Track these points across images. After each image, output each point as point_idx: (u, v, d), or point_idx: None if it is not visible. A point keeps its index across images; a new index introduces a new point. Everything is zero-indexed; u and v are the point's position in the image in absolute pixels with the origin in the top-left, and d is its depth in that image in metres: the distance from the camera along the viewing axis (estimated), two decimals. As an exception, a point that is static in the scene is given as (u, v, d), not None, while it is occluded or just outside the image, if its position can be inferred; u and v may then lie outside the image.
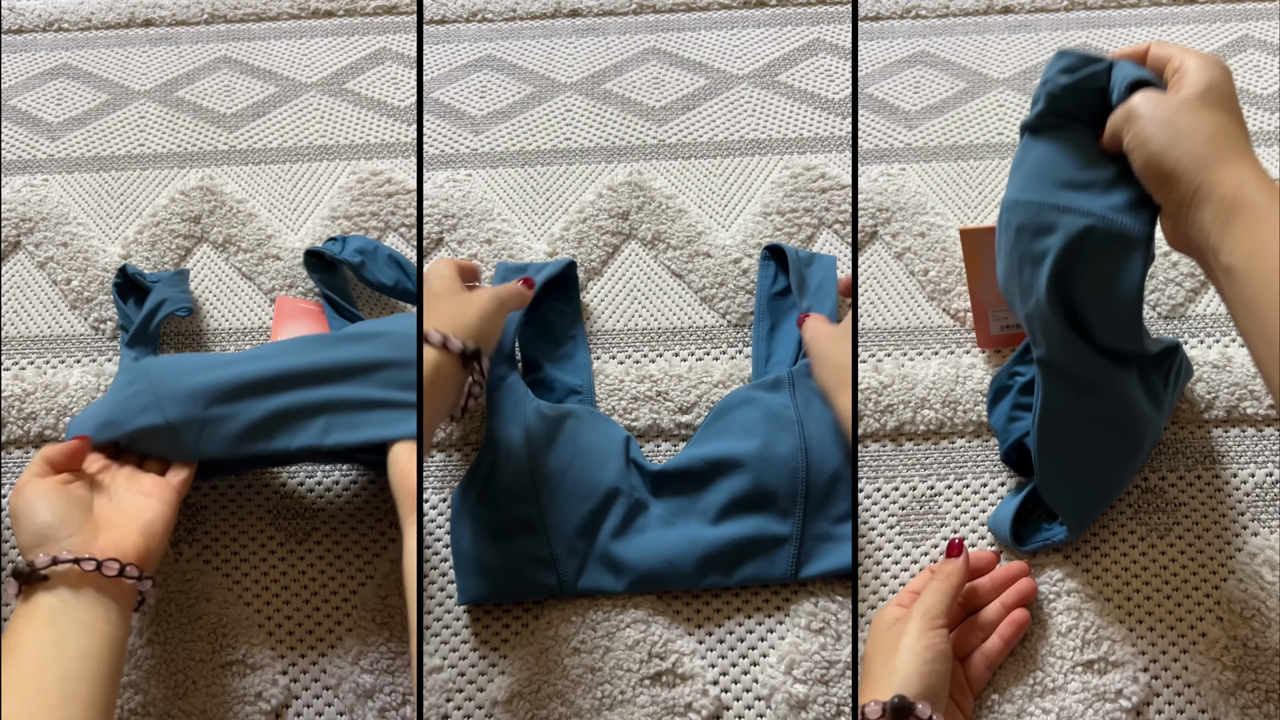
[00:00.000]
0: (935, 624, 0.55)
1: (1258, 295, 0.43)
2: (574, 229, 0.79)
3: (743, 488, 0.63)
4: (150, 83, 0.92)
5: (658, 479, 0.64)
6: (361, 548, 0.66)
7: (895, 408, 0.69)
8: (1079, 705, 0.59)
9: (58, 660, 0.49)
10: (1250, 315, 0.43)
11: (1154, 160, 0.47)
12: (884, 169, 0.82)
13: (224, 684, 0.61)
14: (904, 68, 0.89)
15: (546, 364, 0.71)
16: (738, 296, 0.75)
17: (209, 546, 0.66)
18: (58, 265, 0.79)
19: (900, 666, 0.53)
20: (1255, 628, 0.61)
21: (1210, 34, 0.90)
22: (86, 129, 0.89)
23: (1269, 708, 0.59)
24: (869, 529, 0.66)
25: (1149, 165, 0.48)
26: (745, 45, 0.91)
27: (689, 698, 0.60)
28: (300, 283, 0.77)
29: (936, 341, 0.73)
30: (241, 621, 0.63)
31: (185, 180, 0.84)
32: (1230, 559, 0.63)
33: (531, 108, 0.88)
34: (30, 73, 0.93)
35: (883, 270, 0.77)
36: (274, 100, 0.90)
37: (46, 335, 0.76)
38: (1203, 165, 0.45)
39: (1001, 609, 0.61)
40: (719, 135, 0.85)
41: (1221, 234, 0.44)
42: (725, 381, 0.71)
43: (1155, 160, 0.47)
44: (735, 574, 0.62)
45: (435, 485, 0.68)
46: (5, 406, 0.71)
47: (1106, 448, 0.61)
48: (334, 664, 0.62)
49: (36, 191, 0.84)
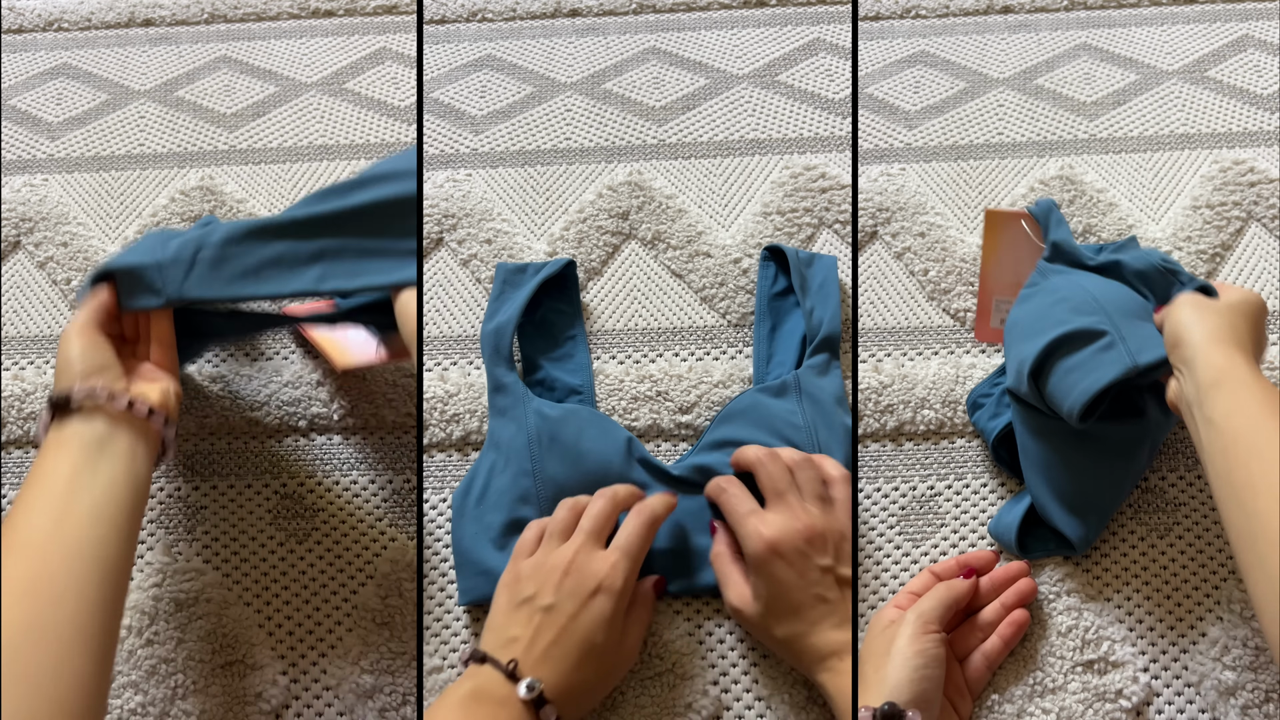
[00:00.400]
0: (929, 629, 0.55)
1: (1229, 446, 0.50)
2: (574, 229, 0.79)
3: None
4: (150, 83, 0.92)
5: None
6: (361, 548, 0.66)
7: (895, 408, 0.69)
8: (1079, 705, 0.59)
9: (89, 486, 0.50)
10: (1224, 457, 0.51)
11: (1174, 327, 0.56)
12: (884, 169, 0.82)
13: (224, 684, 0.61)
14: (904, 68, 0.89)
15: (546, 364, 0.71)
16: (738, 296, 0.75)
17: (209, 546, 0.66)
18: (58, 265, 0.79)
19: (892, 673, 0.53)
20: (1255, 628, 0.61)
21: (1210, 34, 0.90)
22: (86, 129, 0.89)
23: (1269, 708, 0.59)
24: (869, 529, 0.66)
25: (1171, 330, 0.57)
26: (745, 45, 0.91)
27: (689, 698, 0.60)
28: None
29: (936, 341, 0.73)
30: (241, 621, 0.63)
31: (185, 180, 0.84)
32: (1230, 559, 0.63)
33: (531, 108, 0.88)
34: (30, 73, 0.93)
35: (883, 270, 0.77)
36: (274, 100, 0.90)
37: (46, 335, 0.76)
38: (1209, 340, 0.54)
39: (1001, 609, 0.61)
40: (719, 135, 0.85)
41: (1207, 392, 0.52)
42: (725, 381, 0.71)
43: (1175, 328, 0.56)
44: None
45: (435, 485, 0.68)
46: (5, 406, 0.71)
47: (1092, 462, 0.62)
48: (334, 664, 0.62)
49: (36, 191, 0.84)
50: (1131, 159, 0.82)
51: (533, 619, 0.54)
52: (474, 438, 0.69)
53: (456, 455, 0.69)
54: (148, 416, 0.55)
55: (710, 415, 0.69)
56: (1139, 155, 0.82)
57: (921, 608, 0.56)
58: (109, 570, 0.49)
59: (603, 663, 0.55)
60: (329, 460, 0.69)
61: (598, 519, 0.58)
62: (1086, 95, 0.86)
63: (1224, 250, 0.76)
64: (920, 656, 0.54)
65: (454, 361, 0.73)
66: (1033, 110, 0.86)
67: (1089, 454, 0.62)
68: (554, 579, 0.55)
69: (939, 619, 0.56)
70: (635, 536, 0.57)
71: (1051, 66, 0.89)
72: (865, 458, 0.68)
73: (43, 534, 0.48)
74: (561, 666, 0.53)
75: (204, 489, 0.68)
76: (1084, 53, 0.90)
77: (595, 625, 0.54)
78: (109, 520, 0.50)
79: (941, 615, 0.56)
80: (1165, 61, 0.89)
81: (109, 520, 0.50)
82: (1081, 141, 0.83)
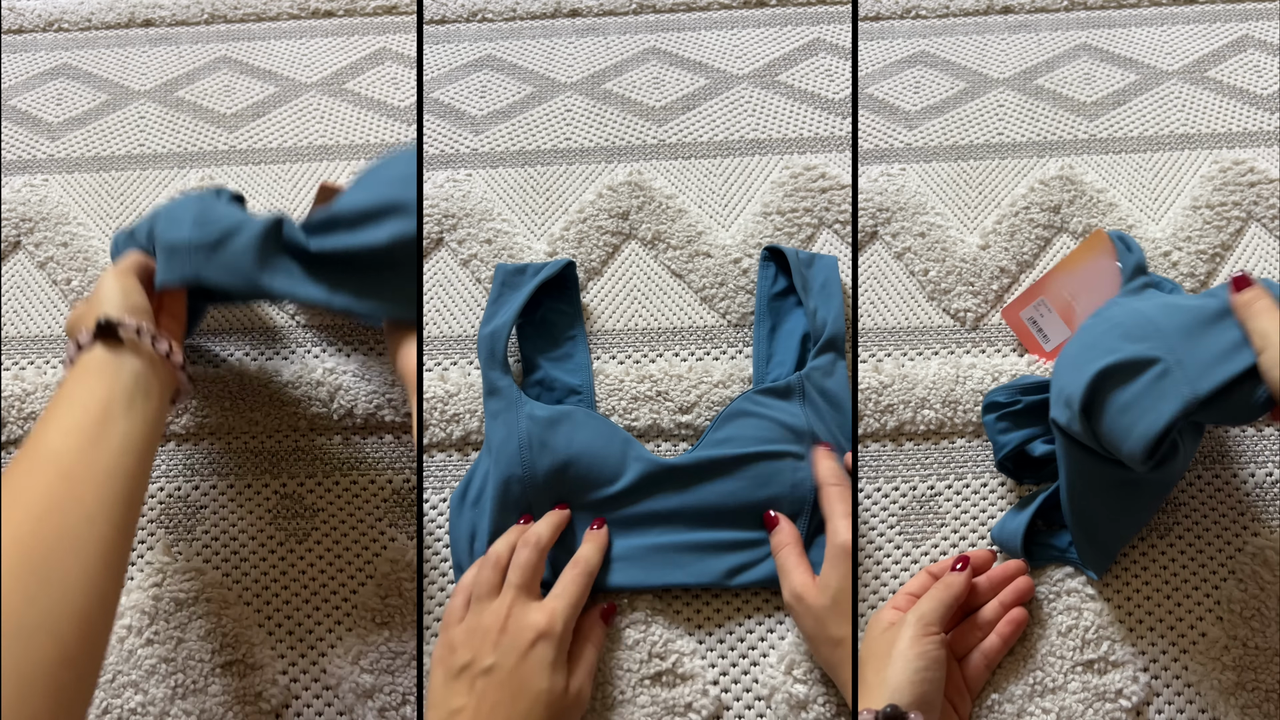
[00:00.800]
0: (929, 630, 0.55)
1: None
2: (574, 229, 0.79)
3: (748, 493, 0.63)
4: (150, 83, 0.92)
5: (663, 476, 0.64)
6: (361, 548, 0.66)
7: (895, 408, 0.69)
8: (1079, 705, 0.59)
9: (123, 417, 0.52)
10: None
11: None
12: (884, 169, 0.82)
13: (224, 684, 0.61)
14: (904, 68, 0.89)
15: (546, 364, 0.71)
16: (738, 296, 0.75)
17: (209, 546, 0.66)
18: (58, 265, 0.79)
19: (893, 675, 0.53)
20: (1255, 628, 0.61)
21: (1210, 34, 0.90)
22: (86, 129, 0.89)
23: (1269, 708, 0.59)
24: (869, 529, 0.66)
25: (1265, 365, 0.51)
26: (745, 45, 0.91)
27: (689, 698, 0.60)
28: (300, 283, 0.77)
29: (936, 341, 0.73)
30: (241, 621, 0.63)
31: (185, 180, 0.84)
32: (1230, 559, 0.63)
33: (531, 108, 0.88)
34: (30, 73, 0.93)
35: (883, 270, 0.77)
36: (274, 100, 0.90)
37: (46, 335, 0.76)
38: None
39: (999, 608, 0.61)
40: (719, 135, 0.85)
41: None
42: (725, 381, 0.71)
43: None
44: (737, 578, 0.62)
45: (435, 485, 0.68)
46: (5, 406, 0.71)
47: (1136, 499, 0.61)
48: (334, 664, 0.62)
49: (36, 191, 0.84)
50: (1131, 159, 0.82)
51: (474, 684, 0.53)
52: (474, 438, 0.69)
53: (456, 455, 0.69)
54: (179, 368, 0.57)
55: (710, 415, 0.69)
56: (1139, 155, 0.82)
57: (921, 609, 0.56)
58: (133, 501, 0.50)
59: (553, 710, 0.53)
60: (329, 460, 0.69)
61: (524, 570, 0.57)
62: (1086, 95, 0.86)
63: (1224, 250, 0.76)
64: (921, 659, 0.54)
65: (454, 361, 0.73)
66: (1033, 110, 0.86)
67: (1129, 496, 0.60)
68: (490, 639, 0.54)
69: (939, 620, 0.56)
70: (572, 585, 0.58)
71: (1051, 66, 0.89)
72: (865, 458, 0.68)
73: (74, 455, 0.49)
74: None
75: (204, 489, 0.68)
76: (1084, 53, 0.90)
77: (539, 675, 0.53)
78: (136, 454, 0.51)
79: (941, 616, 0.56)
80: (1165, 61, 0.89)
81: (136, 454, 0.51)
82: (1081, 141, 0.83)
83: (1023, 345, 0.72)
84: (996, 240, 0.77)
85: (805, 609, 0.57)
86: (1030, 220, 0.78)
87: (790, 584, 0.58)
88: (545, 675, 0.53)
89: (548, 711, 0.53)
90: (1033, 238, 0.77)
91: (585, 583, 0.58)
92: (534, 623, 0.55)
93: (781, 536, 0.61)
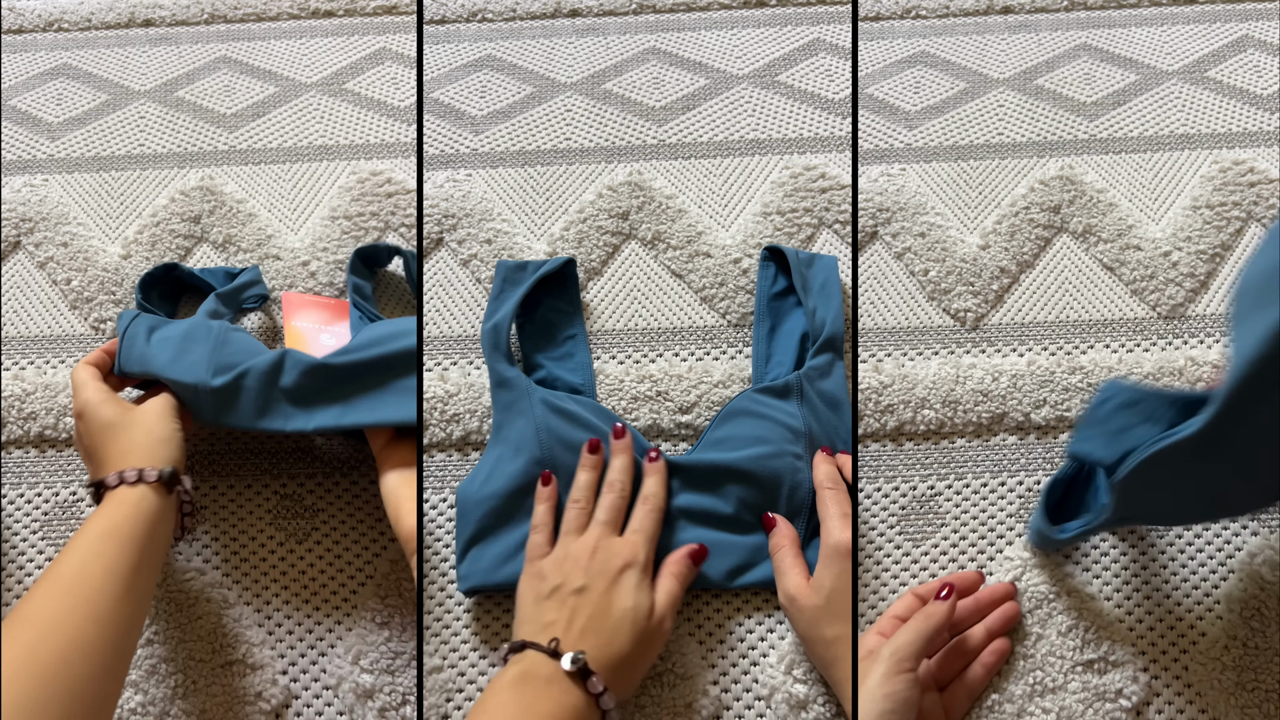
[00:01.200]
0: (903, 666, 0.53)
1: None
2: (574, 229, 0.79)
3: (748, 494, 0.63)
4: (150, 83, 0.92)
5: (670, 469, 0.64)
6: (361, 548, 0.66)
7: (895, 408, 0.69)
8: (1079, 705, 0.59)
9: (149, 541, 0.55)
10: None
11: None
12: (884, 169, 0.82)
13: (224, 684, 0.61)
14: (904, 68, 0.89)
15: (547, 363, 0.71)
16: (738, 296, 0.75)
17: (209, 546, 0.66)
18: (58, 265, 0.79)
19: (863, 713, 0.52)
20: (1255, 628, 0.61)
21: (1210, 34, 0.90)
22: (86, 129, 0.89)
23: (1269, 708, 0.59)
24: (869, 529, 0.66)
25: None
26: (745, 45, 0.92)
27: (689, 697, 0.60)
28: (300, 282, 0.77)
29: (936, 341, 0.73)
30: (241, 621, 0.63)
31: (185, 180, 0.84)
32: (1230, 559, 0.63)
33: (531, 108, 0.88)
34: (30, 73, 0.93)
35: (883, 270, 0.77)
36: (274, 100, 0.90)
37: (46, 335, 0.76)
38: None
39: (985, 635, 0.60)
40: (719, 135, 0.85)
41: None
42: (725, 381, 0.71)
43: None
44: (737, 579, 0.62)
45: (435, 485, 0.68)
46: (5, 406, 0.71)
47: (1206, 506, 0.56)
48: (334, 664, 0.62)
49: (36, 191, 0.84)
50: (1131, 159, 0.82)
51: (565, 603, 0.56)
52: (474, 438, 0.69)
53: (456, 455, 0.69)
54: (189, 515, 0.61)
55: (710, 415, 0.69)
56: (1139, 155, 0.82)
57: (897, 642, 0.54)
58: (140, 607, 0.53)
59: (639, 633, 0.56)
60: (329, 460, 0.69)
61: (611, 510, 0.62)
62: (1086, 95, 0.86)
63: (1224, 250, 0.76)
64: (889, 700, 0.52)
65: (454, 361, 0.73)
66: (1033, 110, 0.86)
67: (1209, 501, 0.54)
68: (581, 563, 0.58)
69: (914, 654, 0.54)
70: (647, 519, 0.61)
71: (1051, 66, 0.89)
72: (865, 458, 0.68)
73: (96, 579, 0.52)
74: (601, 639, 0.55)
75: (204, 489, 0.68)
76: (1084, 53, 0.90)
77: (627, 595, 0.57)
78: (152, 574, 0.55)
79: (918, 650, 0.54)
80: (1165, 62, 0.89)
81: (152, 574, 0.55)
82: (1081, 142, 0.83)
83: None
84: (996, 240, 0.77)
85: (799, 609, 0.58)
86: (1030, 220, 0.78)
87: (785, 585, 0.59)
88: (631, 595, 0.57)
89: (633, 629, 0.56)
90: (1033, 238, 0.77)
91: (658, 516, 0.62)
92: (620, 551, 0.59)
93: (779, 538, 0.61)
